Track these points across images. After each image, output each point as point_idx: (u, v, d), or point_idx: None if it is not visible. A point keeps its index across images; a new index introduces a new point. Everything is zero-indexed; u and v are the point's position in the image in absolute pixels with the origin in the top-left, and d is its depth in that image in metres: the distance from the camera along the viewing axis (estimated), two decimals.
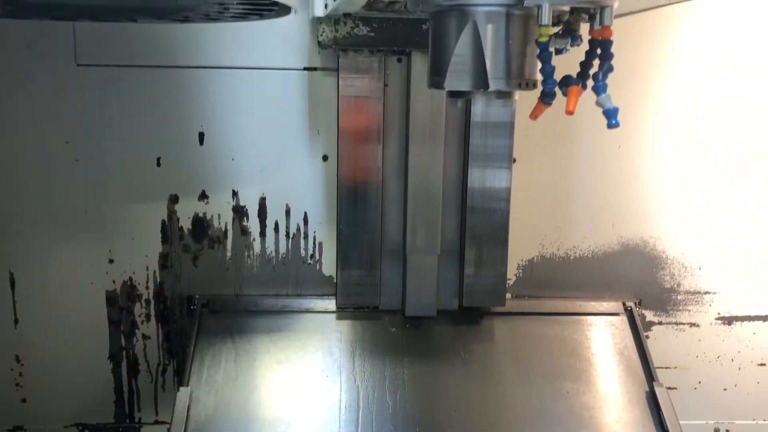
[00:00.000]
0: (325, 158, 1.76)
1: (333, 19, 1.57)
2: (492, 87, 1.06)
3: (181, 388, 1.56)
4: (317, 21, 1.58)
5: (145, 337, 1.84)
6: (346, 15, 1.57)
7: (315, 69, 1.70)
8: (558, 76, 1.10)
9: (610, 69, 1.09)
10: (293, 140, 1.74)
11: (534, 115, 1.16)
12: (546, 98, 1.11)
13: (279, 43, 1.68)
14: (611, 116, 1.06)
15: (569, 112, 1.08)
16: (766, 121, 1.81)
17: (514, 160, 1.70)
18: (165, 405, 1.86)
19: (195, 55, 1.68)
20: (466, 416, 1.56)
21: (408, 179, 1.68)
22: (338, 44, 1.60)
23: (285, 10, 1.17)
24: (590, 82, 1.10)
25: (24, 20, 1.58)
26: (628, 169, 1.82)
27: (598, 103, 1.07)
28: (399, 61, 1.65)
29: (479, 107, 1.65)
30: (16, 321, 1.80)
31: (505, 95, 1.10)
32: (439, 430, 1.53)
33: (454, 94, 1.13)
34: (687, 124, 1.80)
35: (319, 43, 1.61)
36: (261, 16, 1.30)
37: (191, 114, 1.71)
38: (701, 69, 1.78)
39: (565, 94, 1.11)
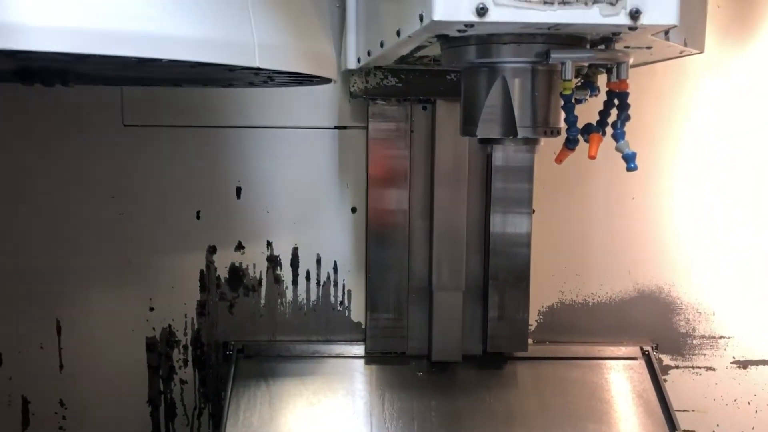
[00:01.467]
0: (353, 210, 1.86)
1: (364, 72, 1.70)
2: (520, 134, 1.17)
3: None
4: (349, 73, 1.70)
5: (182, 381, 1.92)
6: (377, 67, 1.69)
7: (345, 128, 1.82)
8: (578, 123, 1.21)
9: (628, 118, 1.19)
10: (324, 194, 1.85)
11: (559, 160, 1.28)
12: (570, 144, 1.23)
13: (311, 104, 1.80)
14: (630, 161, 1.17)
15: (592, 157, 1.19)
16: None
17: (533, 211, 1.80)
18: None
19: (233, 115, 1.80)
20: None
21: (433, 220, 1.78)
22: (368, 94, 1.72)
23: (326, 80, 1.28)
24: (608, 129, 1.21)
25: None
26: (641, 219, 1.91)
27: (617, 149, 1.18)
28: (424, 108, 1.77)
29: (500, 153, 1.76)
30: (61, 366, 1.89)
31: (531, 142, 1.21)
32: None
33: (484, 141, 1.24)
34: (699, 175, 1.90)
35: (350, 93, 1.73)
36: (301, 84, 1.42)
37: (229, 170, 1.83)
38: (713, 123, 1.88)
39: (587, 140, 1.22)
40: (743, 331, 1.96)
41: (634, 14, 0.97)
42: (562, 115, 1.20)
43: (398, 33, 1.13)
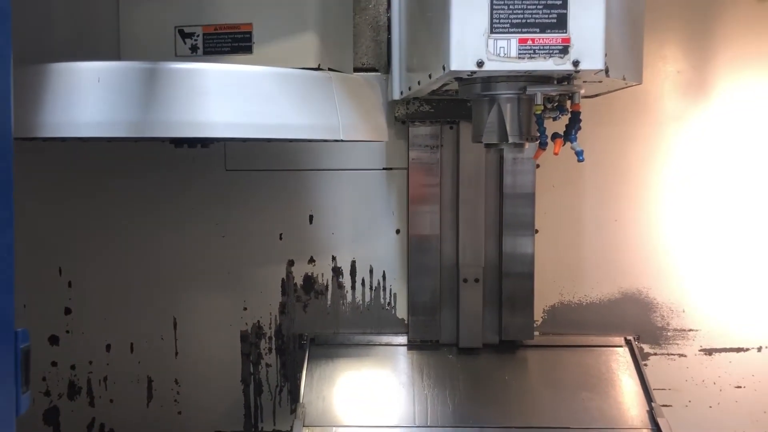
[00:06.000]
0: (398, 231, 2.43)
1: (405, 101, 2.24)
2: (510, 140, 1.72)
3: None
4: (394, 102, 2.23)
5: (267, 365, 2.49)
6: (415, 98, 2.23)
7: (391, 169, 2.40)
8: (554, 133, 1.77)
9: (579, 128, 1.73)
10: (375, 219, 2.42)
11: (536, 157, 1.84)
12: (542, 145, 1.77)
13: (366, 152, 2.38)
14: (579, 155, 1.72)
15: (555, 154, 1.75)
16: (738, 188, 2.41)
17: (537, 231, 2.34)
18: (281, 417, 2.50)
19: (308, 161, 2.39)
20: (507, 413, 2.15)
21: (459, 212, 2.30)
22: (409, 118, 2.27)
23: (381, 140, 1.87)
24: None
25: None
26: (624, 237, 2.43)
27: (572, 147, 1.73)
28: (451, 128, 2.30)
29: (511, 179, 2.30)
30: (176, 353, 2.48)
31: (518, 145, 1.76)
32: (488, 422, 2.13)
33: (488, 146, 1.80)
34: (669, 201, 2.42)
35: (395, 117, 2.27)
36: (362, 141, 2.00)
37: (304, 202, 2.42)
38: (679, 161, 2.41)
39: (553, 141, 1.78)
40: (708, 325, 2.46)
41: (575, 63, 1.52)
42: (536, 127, 1.76)
43: (430, 76, 1.69)
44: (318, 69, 1.75)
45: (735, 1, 2.36)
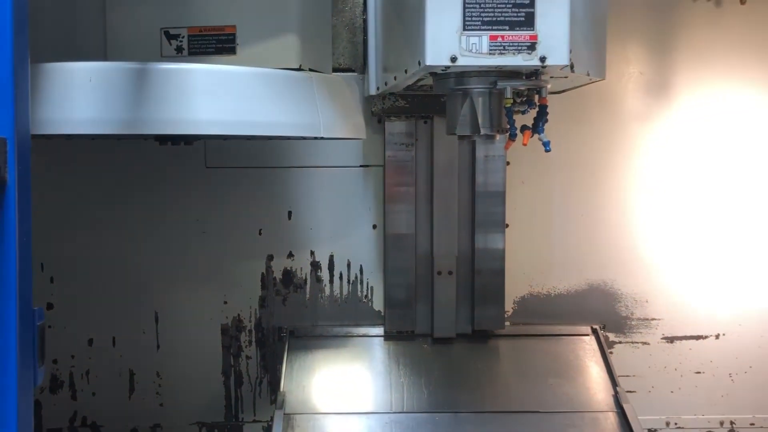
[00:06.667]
0: (374, 227, 2.51)
1: (381, 97, 2.32)
2: (482, 132, 1.82)
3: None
4: (370, 98, 2.32)
5: (247, 357, 2.56)
6: (391, 94, 2.32)
7: (368, 166, 2.48)
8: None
9: (546, 120, 1.84)
10: (353, 215, 2.50)
11: (506, 147, 1.94)
12: (511, 137, 1.87)
13: (343, 149, 2.46)
14: (546, 145, 1.83)
15: (524, 144, 1.85)
16: (699, 184, 2.54)
17: (507, 226, 2.44)
18: (261, 408, 2.57)
19: (287, 159, 2.46)
20: (479, 399, 2.26)
21: (433, 198, 2.38)
22: (385, 113, 2.36)
23: (359, 137, 1.95)
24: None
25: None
26: (590, 232, 2.55)
27: (539, 138, 1.83)
28: (425, 122, 2.39)
29: (483, 178, 2.39)
30: (158, 346, 2.53)
31: (490, 137, 1.86)
32: (461, 408, 2.22)
33: (461, 137, 1.88)
34: (631, 199, 2.54)
35: (372, 112, 2.36)
36: (339, 138, 2.08)
37: (284, 199, 2.49)
38: (643, 158, 2.53)
39: (522, 132, 1.88)
40: (669, 315, 2.59)
41: (542, 58, 1.62)
42: (506, 119, 1.86)
43: (406, 71, 1.78)
44: (299, 69, 1.83)
45: (693, 6, 2.49)
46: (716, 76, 2.51)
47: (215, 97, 1.53)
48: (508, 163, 2.42)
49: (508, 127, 1.87)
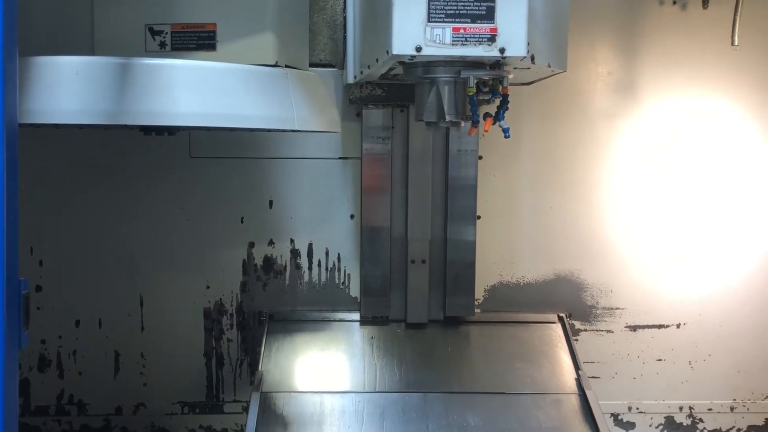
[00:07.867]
0: (352, 216, 2.62)
1: (359, 85, 2.41)
2: (447, 119, 1.91)
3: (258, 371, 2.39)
4: (349, 86, 2.41)
5: (228, 340, 2.67)
6: (368, 82, 2.40)
7: (346, 158, 2.59)
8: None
9: (507, 109, 1.92)
10: (331, 205, 2.61)
11: (470, 133, 2.02)
12: (474, 123, 1.94)
13: (323, 142, 2.57)
14: (506, 132, 1.93)
15: (486, 131, 1.94)
16: (662, 179, 2.65)
17: (479, 217, 2.56)
18: (241, 388, 2.68)
19: (268, 150, 2.57)
20: (449, 381, 2.37)
21: (408, 190, 2.47)
22: (362, 101, 2.45)
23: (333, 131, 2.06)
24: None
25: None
26: (558, 223, 2.66)
27: (500, 125, 1.92)
28: (401, 111, 2.49)
29: (455, 171, 2.49)
30: (142, 328, 2.64)
31: (455, 123, 1.95)
32: (431, 389, 2.34)
33: (429, 124, 1.98)
34: (597, 192, 2.66)
35: (350, 100, 2.45)
36: (316, 131, 2.19)
37: (265, 189, 2.59)
38: (610, 153, 2.65)
39: (484, 120, 1.96)
40: (633, 305, 2.71)
41: (502, 50, 1.70)
42: (469, 107, 1.94)
43: (377, 60, 1.87)
44: (275, 66, 1.94)
45: (660, 9, 2.60)
46: (680, 76, 2.63)
47: (195, 91, 1.63)
48: (480, 158, 2.53)
49: (470, 114, 1.97)
